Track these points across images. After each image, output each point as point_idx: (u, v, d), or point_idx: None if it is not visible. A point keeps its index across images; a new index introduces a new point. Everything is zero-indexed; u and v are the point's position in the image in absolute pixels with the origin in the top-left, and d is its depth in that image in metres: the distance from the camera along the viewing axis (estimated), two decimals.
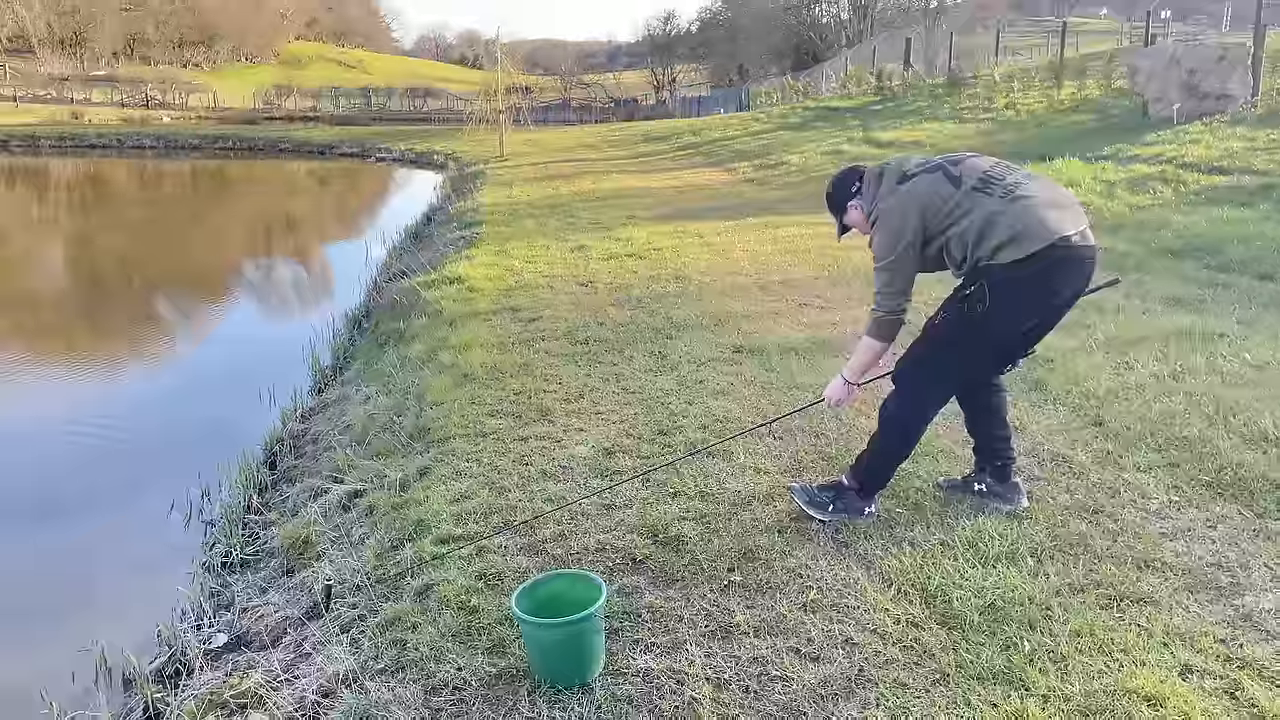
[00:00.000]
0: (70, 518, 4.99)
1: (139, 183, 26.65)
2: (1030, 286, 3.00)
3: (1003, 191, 3.04)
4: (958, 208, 3.06)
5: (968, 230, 3.03)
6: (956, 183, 3.10)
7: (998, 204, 3.01)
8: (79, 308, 11.00)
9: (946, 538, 3.23)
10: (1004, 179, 3.08)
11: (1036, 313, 3.12)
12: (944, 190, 3.10)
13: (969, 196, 3.06)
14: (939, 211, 3.08)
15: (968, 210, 3.04)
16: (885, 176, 3.24)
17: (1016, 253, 2.95)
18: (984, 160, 3.21)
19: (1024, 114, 17.13)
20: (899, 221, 3.12)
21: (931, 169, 3.18)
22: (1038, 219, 2.98)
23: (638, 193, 14.91)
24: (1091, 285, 3.23)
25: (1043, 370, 5.00)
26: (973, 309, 3.05)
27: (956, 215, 3.05)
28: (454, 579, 3.15)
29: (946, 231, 3.07)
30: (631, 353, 5.70)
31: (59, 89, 48.85)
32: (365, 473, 4.37)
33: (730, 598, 2.94)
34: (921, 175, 3.17)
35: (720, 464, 3.96)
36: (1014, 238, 2.96)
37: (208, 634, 3.43)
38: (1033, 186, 3.07)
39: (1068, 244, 2.98)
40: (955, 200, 3.07)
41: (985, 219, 3.00)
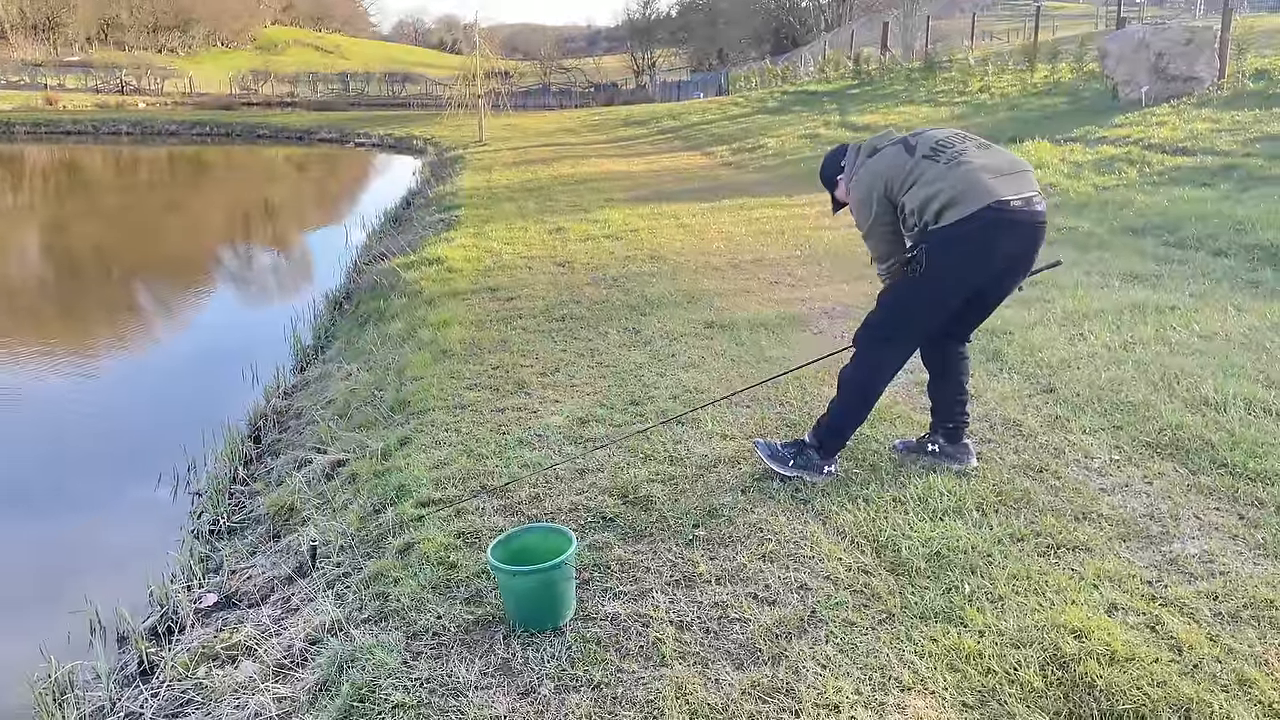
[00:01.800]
0: (60, 494, 5.12)
1: (116, 169, 26.53)
2: (965, 245, 3.18)
3: (947, 159, 3.24)
4: (909, 174, 3.26)
5: (915, 196, 3.23)
6: (911, 151, 3.32)
7: (941, 169, 3.22)
8: (59, 294, 11.06)
9: (899, 494, 3.43)
10: (952, 147, 3.28)
11: (976, 272, 3.28)
12: (900, 160, 3.32)
13: (919, 164, 3.27)
14: (895, 180, 3.30)
15: (918, 177, 3.25)
16: (860, 152, 3.49)
17: (955, 215, 3.15)
18: (942, 131, 3.41)
19: (997, 97, 17.36)
20: (864, 193, 3.37)
21: (895, 142, 3.41)
22: (973, 182, 3.17)
23: (616, 176, 15.05)
24: (1036, 266, 3.42)
25: (1000, 341, 5.20)
26: (914, 271, 3.26)
27: (909, 183, 3.26)
28: (434, 537, 3.31)
29: (903, 198, 3.28)
30: (606, 329, 5.86)
31: (32, 75, 48.37)
32: (347, 443, 4.53)
33: (694, 550, 3.12)
34: (886, 148, 3.40)
35: (689, 430, 4.14)
36: (953, 200, 3.16)
37: (198, 594, 3.58)
38: (977, 154, 3.26)
39: (1005, 207, 3.15)
40: (908, 168, 3.28)
41: (930, 184, 3.21)
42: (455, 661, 2.63)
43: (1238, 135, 10.73)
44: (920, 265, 3.23)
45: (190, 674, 2.97)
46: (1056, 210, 9.17)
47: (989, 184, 3.17)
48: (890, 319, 3.42)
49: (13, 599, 3.97)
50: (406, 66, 64.20)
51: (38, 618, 3.77)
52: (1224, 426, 3.89)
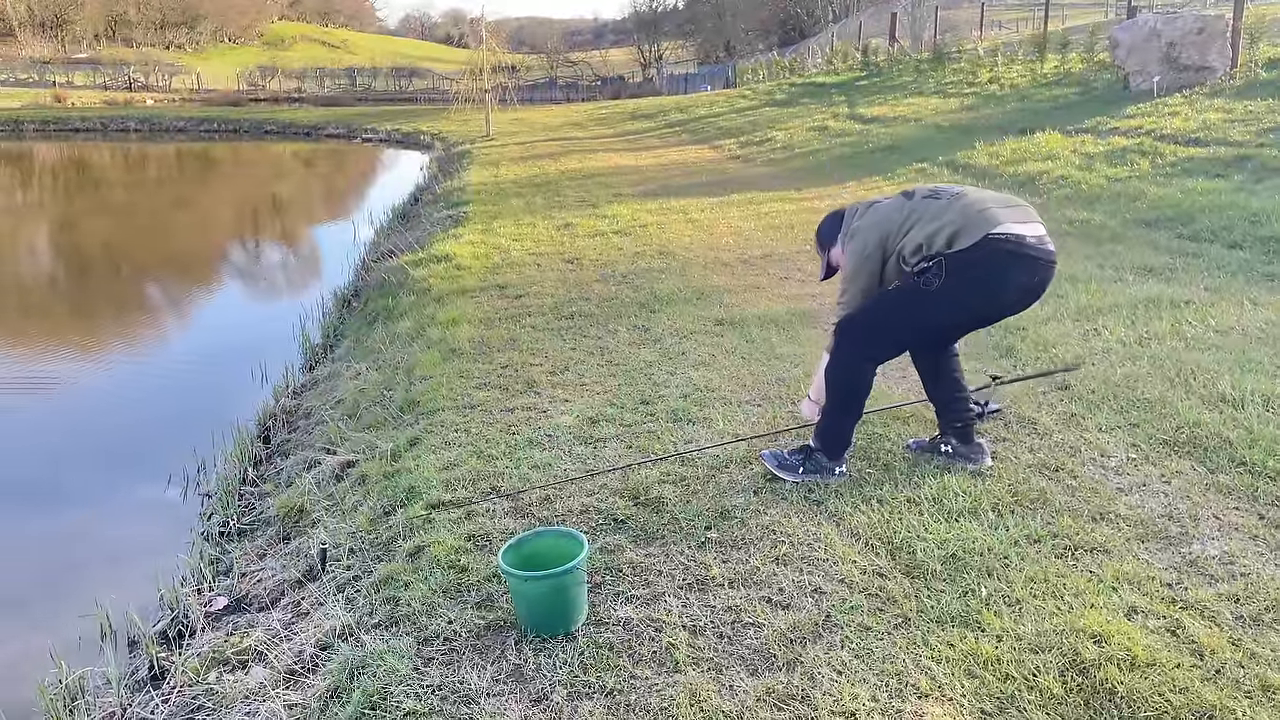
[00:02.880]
0: (69, 495, 5.12)
1: (124, 166, 26.58)
2: (982, 270, 3.17)
3: (949, 195, 3.32)
4: (908, 218, 3.31)
5: (918, 233, 3.25)
6: (909, 196, 3.41)
7: (944, 204, 3.27)
8: (69, 291, 11.08)
9: (913, 495, 3.39)
10: (951, 189, 3.37)
11: (986, 302, 3.31)
12: (899, 204, 3.40)
13: (920, 204, 3.33)
14: (894, 222, 3.34)
15: (920, 217, 3.28)
16: (857, 213, 3.51)
17: (967, 241, 3.16)
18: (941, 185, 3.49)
19: (1007, 88, 17.24)
20: (862, 241, 3.40)
21: (894, 197, 3.49)
22: (980, 212, 3.21)
23: (624, 170, 15.00)
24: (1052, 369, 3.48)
25: (1013, 337, 5.15)
26: (928, 283, 3.22)
27: (908, 225, 3.30)
28: (444, 540, 3.29)
29: (904, 239, 3.29)
30: (616, 326, 5.83)
31: (40, 72, 48.49)
32: (357, 444, 4.51)
33: (707, 553, 3.10)
34: (884, 201, 3.49)
35: (700, 430, 4.11)
36: (962, 228, 3.18)
37: (208, 597, 3.57)
38: (977, 192, 3.36)
39: (1019, 240, 3.17)
40: (908, 209, 3.33)
41: (935, 219, 3.24)
42: (467, 668, 2.61)
43: (1251, 126, 10.62)
44: (939, 278, 3.20)
45: (201, 679, 2.96)
46: (1068, 203, 9.11)
47: (996, 213, 3.21)
48: (883, 319, 3.39)
49: (24, 601, 3.97)
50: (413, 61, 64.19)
51: (48, 621, 3.76)
52: (1242, 424, 3.84)
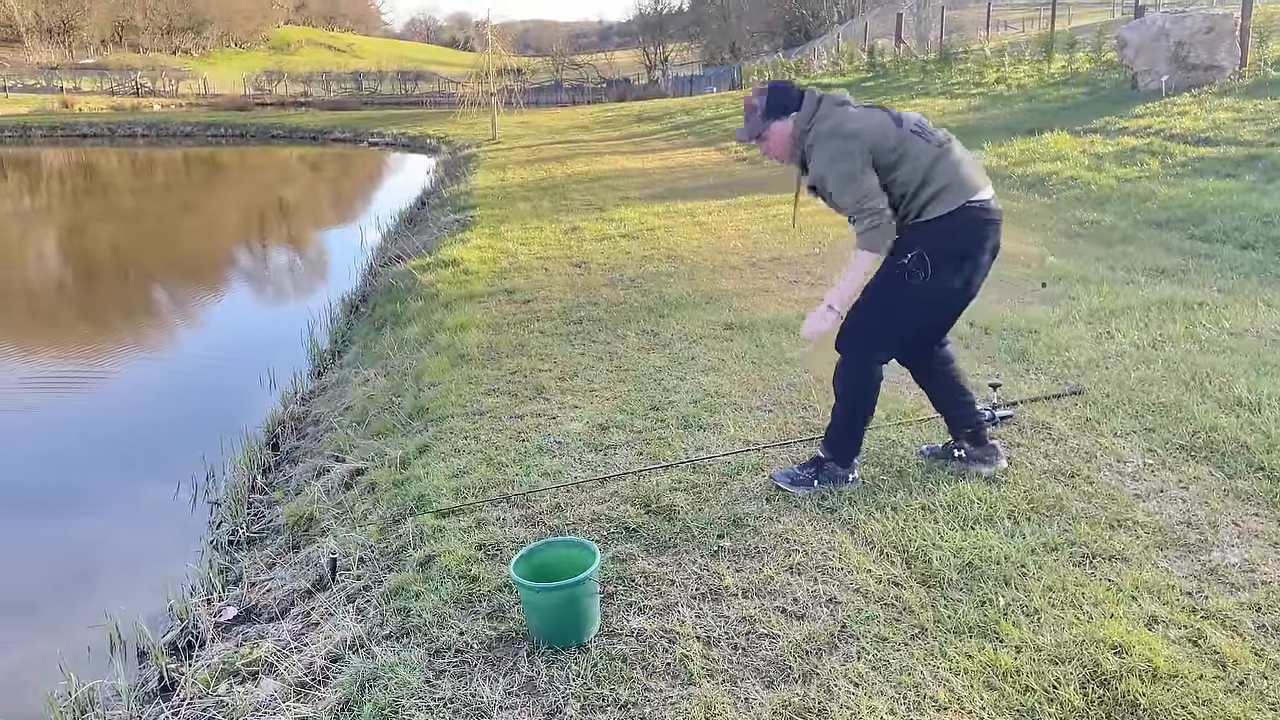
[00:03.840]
0: (79, 501, 5.11)
1: (132, 171, 26.65)
2: (963, 240, 3.15)
3: (937, 141, 3.18)
4: (900, 145, 3.13)
5: (907, 173, 3.12)
6: (899, 122, 3.21)
7: (933, 153, 3.14)
8: (77, 296, 11.10)
9: (927, 502, 3.36)
10: (938, 135, 3.22)
11: (971, 270, 3.23)
12: (889, 126, 3.18)
13: (909, 138, 3.15)
14: (884, 145, 3.13)
15: (906, 152, 3.13)
16: (824, 101, 3.25)
17: (943, 207, 3.09)
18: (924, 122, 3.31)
19: (1014, 88, 17.19)
20: (846, 139, 3.11)
21: (870, 105, 3.30)
22: (964, 175, 3.14)
23: (631, 173, 14.98)
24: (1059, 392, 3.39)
25: (1026, 340, 5.12)
26: (913, 276, 3.15)
27: (898, 155, 3.12)
28: (455, 549, 3.27)
29: (892, 172, 3.13)
30: (624, 331, 5.81)
31: (48, 78, 48.66)
32: (366, 451, 4.49)
33: (720, 562, 3.07)
34: (870, 108, 3.27)
35: (711, 436, 4.08)
36: (945, 188, 3.10)
37: (218, 608, 3.55)
38: (960, 149, 3.23)
39: (986, 205, 3.15)
40: (898, 137, 3.15)
41: (922, 167, 3.11)
42: (479, 680, 2.58)
43: (1261, 125, 10.56)
44: (925, 271, 3.14)
45: (211, 691, 2.93)
46: (1078, 203, 9.06)
47: (974, 178, 3.15)
48: (880, 322, 3.31)
49: (33, 610, 3.95)
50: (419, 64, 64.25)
51: (58, 630, 3.74)
52: (1259, 428, 3.79)
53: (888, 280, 3.23)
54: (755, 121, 3.29)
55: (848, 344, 3.38)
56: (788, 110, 3.24)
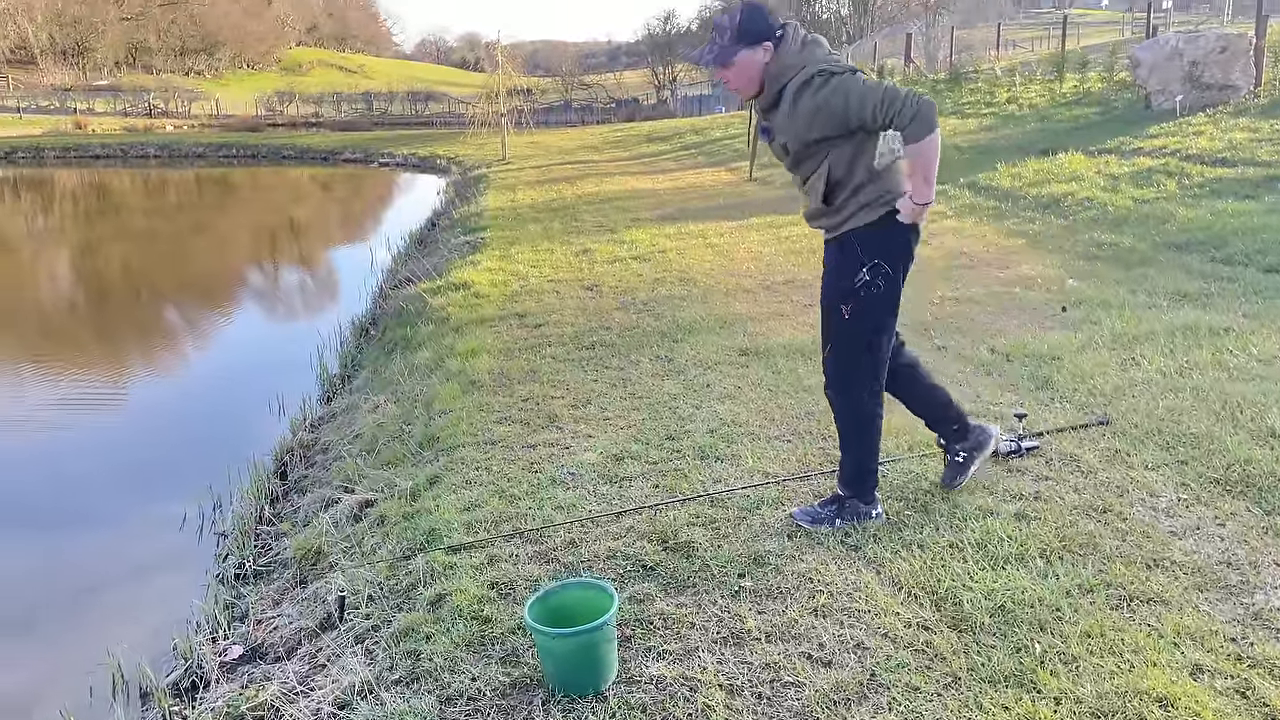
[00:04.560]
0: (84, 530, 5.03)
1: (144, 192, 26.76)
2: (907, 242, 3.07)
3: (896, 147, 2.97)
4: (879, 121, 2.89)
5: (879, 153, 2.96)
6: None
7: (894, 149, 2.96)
8: (87, 318, 11.07)
9: (955, 539, 3.24)
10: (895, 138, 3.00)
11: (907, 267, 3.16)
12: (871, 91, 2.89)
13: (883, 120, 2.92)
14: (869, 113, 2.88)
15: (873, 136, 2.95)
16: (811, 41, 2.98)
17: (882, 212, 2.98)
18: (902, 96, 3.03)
19: (1026, 108, 17.13)
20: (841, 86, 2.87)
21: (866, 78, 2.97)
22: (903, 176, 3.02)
23: (641, 194, 14.93)
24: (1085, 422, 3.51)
25: (1049, 368, 5.00)
26: (876, 288, 3.04)
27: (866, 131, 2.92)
28: (466, 588, 3.17)
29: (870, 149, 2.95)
30: (638, 357, 5.71)
31: (62, 99, 49.04)
32: (375, 482, 4.40)
33: (741, 603, 2.96)
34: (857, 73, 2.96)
35: (728, 468, 3.98)
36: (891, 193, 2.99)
37: (223, 646, 3.45)
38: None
39: None
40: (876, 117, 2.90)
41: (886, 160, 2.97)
42: None
43: (1279, 145, 10.45)
44: (882, 279, 3.04)
45: None
46: (1095, 225, 8.95)
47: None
48: (859, 360, 3.18)
49: (36, 649, 3.86)
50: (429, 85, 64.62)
51: (60, 671, 3.65)
52: None
53: (852, 308, 3.09)
54: (722, 46, 2.92)
55: (838, 389, 3.26)
56: (762, 37, 2.91)
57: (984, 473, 3.71)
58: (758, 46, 2.92)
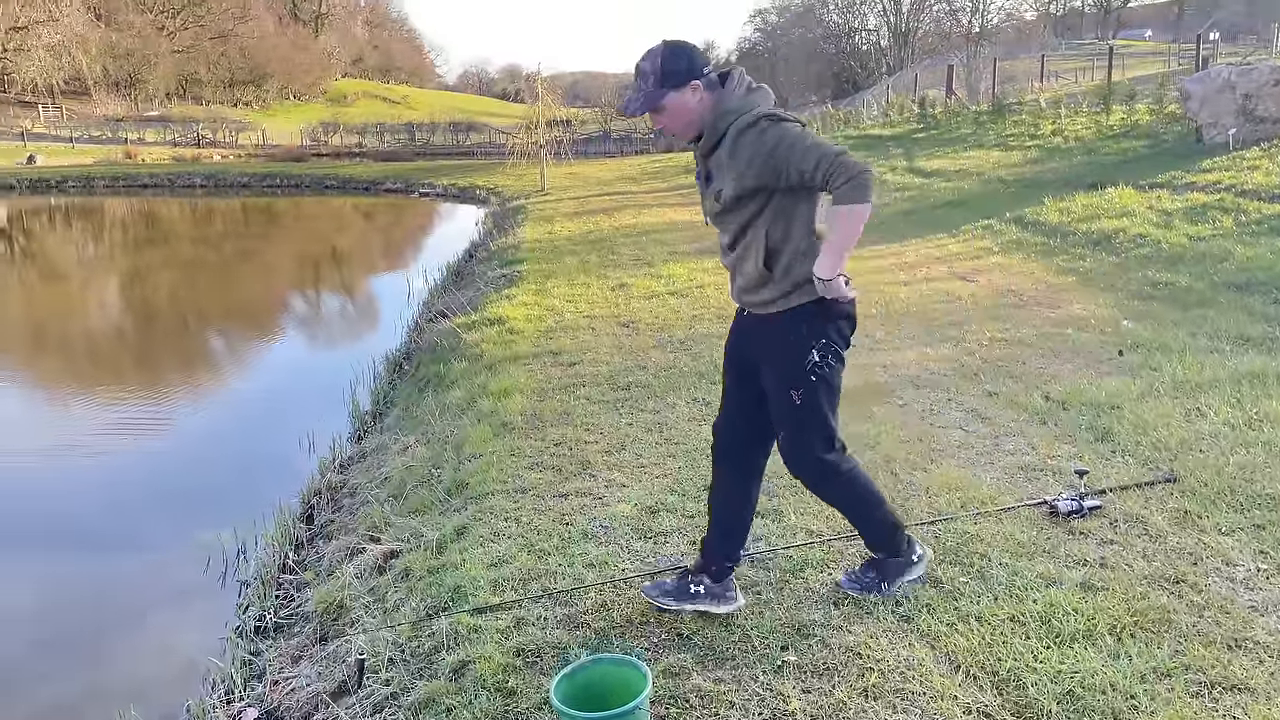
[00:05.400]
0: (108, 569, 4.94)
1: (190, 221, 27.16)
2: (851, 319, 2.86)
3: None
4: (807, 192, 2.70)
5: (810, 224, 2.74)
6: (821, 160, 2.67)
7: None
8: (132, 345, 11.13)
9: (1016, 612, 3.01)
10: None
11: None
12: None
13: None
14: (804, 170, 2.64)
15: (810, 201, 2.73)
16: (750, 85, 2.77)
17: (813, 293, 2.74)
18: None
19: (1071, 140, 16.80)
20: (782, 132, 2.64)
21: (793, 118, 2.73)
22: None
23: (679, 226, 14.79)
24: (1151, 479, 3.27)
25: (1108, 417, 4.75)
26: (828, 368, 2.81)
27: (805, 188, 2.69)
28: (491, 655, 2.99)
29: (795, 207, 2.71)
30: (674, 399, 5.53)
31: (114, 129, 50.19)
32: (401, 531, 4.25)
33: (784, 680, 2.75)
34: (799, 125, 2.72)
35: (769, 525, 3.77)
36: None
37: (238, 709, 3.30)
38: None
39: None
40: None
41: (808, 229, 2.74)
42: None
43: None
44: (830, 364, 2.80)
45: None
46: (1149, 263, 8.65)
47: None
48: (809, 439, 2.90)
49: (49, 706, 3.72)
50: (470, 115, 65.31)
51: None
52: None
53: (803, 393, 2.81)
54: (647, 92, 2.71)
55: (802, 469, 2.97)
56: (689, 76, 2.69)
57: (1043, 535, 3.48)
58: (685, 87, 2.70)
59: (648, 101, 2.70)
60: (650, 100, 2.70)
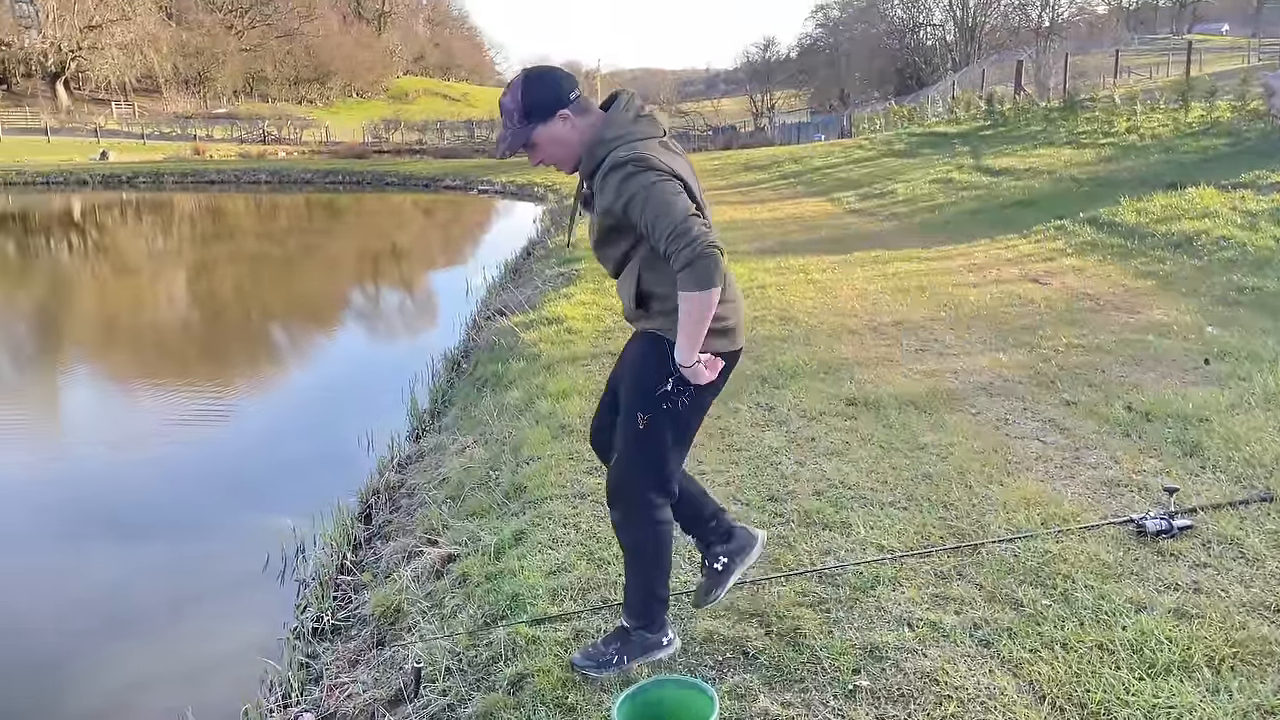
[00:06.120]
0: (168, 562, 4.96)
1: (255, 216, 27.68)
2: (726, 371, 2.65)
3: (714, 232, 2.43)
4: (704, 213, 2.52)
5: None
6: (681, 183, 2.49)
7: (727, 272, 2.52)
8: (198, 337, 11.31)
9: (1105, 639, 2.83)
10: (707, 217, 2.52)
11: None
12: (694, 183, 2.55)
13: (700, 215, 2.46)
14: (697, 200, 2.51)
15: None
16: (645, 119, 2.57)
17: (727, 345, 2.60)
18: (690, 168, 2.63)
19: (1148, 138, 16.25)
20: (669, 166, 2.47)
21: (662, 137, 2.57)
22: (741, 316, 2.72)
23: (738, 225, 14.62)
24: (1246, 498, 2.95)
25: (1196, 430, 4.50)
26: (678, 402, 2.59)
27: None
28: (550, 669, 2.89)
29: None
30: (736, 404, 5.40)
31: (183, 126, 51.45)
32: (459, 534, 4.18)
33: (857, 707, 2.61)
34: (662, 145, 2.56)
35: (838, 538, 3.63)
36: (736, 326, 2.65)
37: (295, 713, 3.26)
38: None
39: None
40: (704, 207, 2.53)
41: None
42: None
43: None
44: (683, 403, 2.59)
45: None
46: (1233, 266, 8.29)
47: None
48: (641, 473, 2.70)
49: (106, 702, 3.73)
50: None
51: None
52: None
53: (650, 419, 2.61)
54: (515, 129, 2.56)
55: (619, 501, 2.75)
56: (557, 105, 2.53)
57: (1131, 556, 3.29)
58: (553, 118, 2.54)
59: (515, 140, 2.57)
60: (518, 138, 2.56)
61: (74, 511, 5.73)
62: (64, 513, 5.71)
